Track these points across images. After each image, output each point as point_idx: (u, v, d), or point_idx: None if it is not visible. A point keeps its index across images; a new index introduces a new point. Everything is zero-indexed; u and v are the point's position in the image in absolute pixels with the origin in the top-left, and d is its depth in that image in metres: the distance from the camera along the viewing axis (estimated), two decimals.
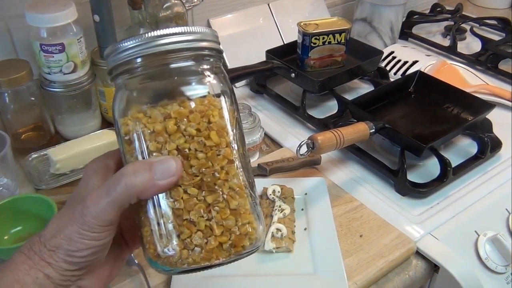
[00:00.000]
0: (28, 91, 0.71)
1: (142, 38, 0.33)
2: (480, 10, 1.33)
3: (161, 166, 0.32)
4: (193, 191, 0.33)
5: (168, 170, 0.32)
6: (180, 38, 0.34)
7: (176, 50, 0.34)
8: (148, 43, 0.33)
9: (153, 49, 0.33)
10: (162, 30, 0.33)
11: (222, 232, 0.34)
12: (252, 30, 0.98)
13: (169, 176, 0.32)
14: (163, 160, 0.33)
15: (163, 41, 0.33)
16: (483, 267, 0.62)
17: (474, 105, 0.79)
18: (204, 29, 0.35)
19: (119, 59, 0.34)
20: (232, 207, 0.34)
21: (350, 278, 0.56)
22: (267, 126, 0.82)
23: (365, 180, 0.71)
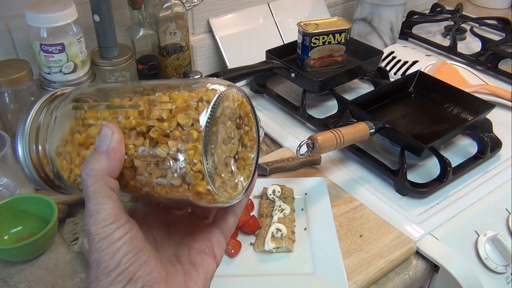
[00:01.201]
0: (28, 91, 0.71)
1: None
2: (480, 10, 1.33)
3: (98, 139, 0.32)
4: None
5: (104, 136, 0.31)
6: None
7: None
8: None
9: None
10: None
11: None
12: (252, 30, 0.98)
13: (108, 138, 0.31)
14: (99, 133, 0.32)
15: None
16: (483, 267, 0.62)
17: (474, 105, 0.79)
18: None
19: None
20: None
21: (350, 278, 0.56)
22: (267, 126, 0.82)
23: (365, 180, 0.71)
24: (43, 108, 0.37)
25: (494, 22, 1.18)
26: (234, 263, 0.58)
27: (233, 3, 0.96)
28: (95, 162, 0.31)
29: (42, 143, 0.36)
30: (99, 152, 0.31)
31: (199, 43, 0.94)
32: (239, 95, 0.34)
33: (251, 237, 0.61)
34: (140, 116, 0.32)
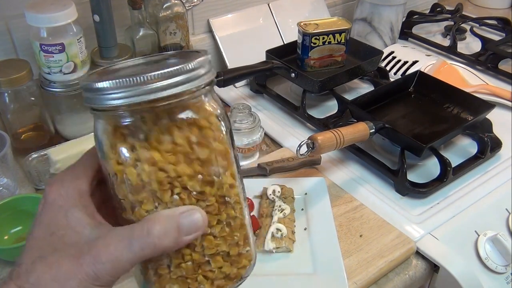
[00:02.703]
0: (28, 91, 0.71)
1: (126, 84, 0.28)
2: (480, 10, 1.33)
3: (187, 220, 0.30)
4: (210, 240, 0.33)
5: (194, 225, 0.30)
6: (173, 80, 0.29)
7: (170, 97, 0.29)
8: (135, 89, 0.28)
9: (142, 98, 0.28)
10: (151, 74, 0.28)
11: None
12: (252, 30, 0.98)
13: (196, 231, 0.30)
14: (188, 213, 0.30)
15: (153, 86, 0.28)
16: (483, 267, 0.62)
17: (474, 105, 0.79)
18: (199, 60, 0.30)
19: (99, 103, 0.29)
20: (240, 251, 0.35)
21: (350, 278, 0.56)
22: (267, 126, 0.82)
23: (365, 180, 0.71)
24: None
25: (494, 22, 1.18)
26: None
27: (233, 3, 0.96)
28: (170, 244, 0.30)
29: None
30: (180, 237, 0.30)
31: (199, 43, 0.94)
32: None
33: None
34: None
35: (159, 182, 0.30)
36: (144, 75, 0.28)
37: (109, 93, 0.29)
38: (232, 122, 0.72)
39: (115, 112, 0.30)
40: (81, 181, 0.32)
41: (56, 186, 0.32)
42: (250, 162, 0.75)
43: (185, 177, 0.31)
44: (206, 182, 0.32)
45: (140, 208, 0.31)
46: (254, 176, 0.72)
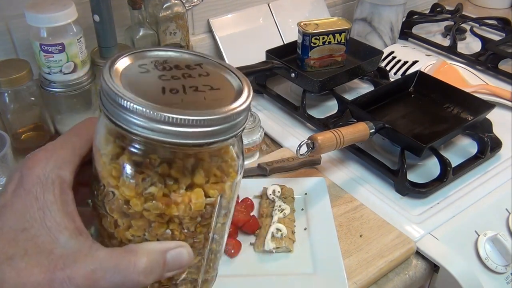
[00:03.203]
0: (28, 91, 0.71)
1: (155, 117, 0.24)
2: (480, 10, 1.33)
3: (173, 257, 0.28)
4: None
5: (179, 263, 0.29)
6: (210, 129, 0.25)
7: (201, 144, 0.26)
8: (164, 127, 0.24)
9: (170, 138, 0.25)
10: (192, 115, 0.24)
11: None
12: (252, 30, 0.98)
13: (179, 268, 0.29)
14: (176, 250, 0.29)
15: (186, 130, 0.25)
16: (483, 267, 0.62)
17: (474, 105, 0.79)
18: (241, 107, 0.27)
19: (117, 118, 0.26)
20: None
21: (350, 278, 0.56)
22: (267, 126, 0.82)
23: (365, 180, 0.71)
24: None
25: (494, 22, 1.18)
26: (234, 263, 0.58)
27: (233, 3, 0.96)
28: (152, 280, 0.28)
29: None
30: (163, 272, 0.28)
31: (199, 43, 0.94)
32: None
33: (251, 237, 0.61)
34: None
35: (161, 216, 0.28)
36: (178, 116, 0.24)
37: (132, 116, 0.25)
38: None
39: (129, 134, 0.26)
40: (65, 171, 0.28)
41: (36, 171, 0.28)
42: (250, 162, 0.75)
43: (187, 217, 0.29)
44: (203, 223, 0.30)
45: (127, 231, 0.29)
46: (254, 176, 0.72)
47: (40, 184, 0.27)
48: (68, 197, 0.28)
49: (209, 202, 0.29)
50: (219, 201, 0.30)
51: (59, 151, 0.29)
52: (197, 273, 0.33)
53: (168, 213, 0.28)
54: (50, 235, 0.27)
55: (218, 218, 0.32)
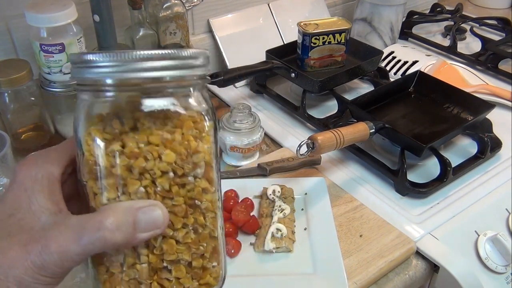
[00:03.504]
0: (28, 91, 0.71)
1: (115, 58, 0.27)
2: (480, 10, 1.33)
3: (145, 216, 0.28)
4: (171, 242, 0.30)
5: (153, 222, 0.28)
6: (166, 63, 0.28)
7: (160, 78, 0.29)
8: (124, 65, 0.28)
9: (130, 74, 0.28)
10: (143, 52, 0.28)
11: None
12: (252, 30, 0.98)
13: (154, 228, 0.28)
14: (148, 208, 0.28)
15: (144, 64, 0.28)
16: (483, 267, 0.62)
17: (474, 105, 0.79)
18: (196, 51, 0.30)
19: (84, 74, 0.29)
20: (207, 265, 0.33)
21: (350, 278, 0.56)
22: (267, 126, 0.82)
23: (365, 180, 0.71)
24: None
25: (494, 22, 1.18)
26: (234, 263, 0.58)
27: (233, 3, 0.96)
28: (123, 240, 0.27)
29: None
30: (135, 233, 0.28)
31: (199, 43, 0.94)
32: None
33: (251, 237, 0.61)
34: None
35: (129, 169, 0.29)
36: (137, 52, 0.27)
37: (96, 65, 0.28)
38: (232, 122, 0.72)
39: (99, 87, 0.29)
40: (53, 167, 0.31)
41: (27, 167, 0.30)
42: (250, 162, 0.75)
43: (157, 171, 0.29)
44: (178, 181, 0.30)
45: (101, 195, 0.29)
46: (254, 176, 0.72)
47: (30, 177, 0.30)
48: (54, 188, 0.30)
49: (181, 156, 0.29)
50: (192, 158, 0.30)
51: (50, 152, 0.32)
52: (188, 253, 0.31)
53: (136, 165, 0.29)
54: (34, 217, 0.29)
55: (197, 180, 0.31)
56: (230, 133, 0.72)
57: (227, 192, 0.65)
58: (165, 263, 0.30)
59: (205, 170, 0.31)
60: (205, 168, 0.31)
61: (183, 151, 0.30)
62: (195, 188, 0.31)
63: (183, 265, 0.31)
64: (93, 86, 0.29)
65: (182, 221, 0.30)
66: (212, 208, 0.32)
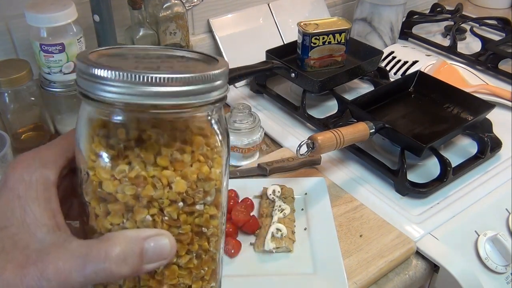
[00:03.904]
0: (28, 91, 0.71)
1: (129, 79, 0.24)
2: (480, 10, 1.33)
3: (152, 246, 0.26)
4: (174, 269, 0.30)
5: (161, 253, 0.27)
6: (186, 88, 0.25)
7: (177, 106, 0.26)
8: (139, 88, 0.24)
9: (143, 100, 0.25)
10: (163, 76, 0.24)
11: None
12: (252, 30, 0.98)
13: (161, 259, 0.27)
14: (155, 238, 0.27)
15: (162, 89, 0.25)
16: (483, 267, 0.62)
17: (474, 105, 0.79)
18: (221, 70, 0.27)
19: (92, 90, 0.26)
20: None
21: (350, 278, 0.56)
22: (267, 126, 0.82)
23: (365, 180, 0.71)
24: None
25: (494, 22, 1.18)
26: (234, 263, 0.58)
27: (233, 3, 0.96)
28: (129, 272, 0.26)
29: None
30: (141, 264, 0.26)
31: (199, 43, 0.94)
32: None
33: (251, 237, 0.61)
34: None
35: (137, 198, 0.27)
36: (154, 75, 0.24)
37: (106, 83, 0.25)
38: (232, 122, 0.72)
39: (107, 106, 0.26)
40: (49, 170, 0.28)
41: (20, 170, 0.28)
42: (250, 162, 0.75)
43: (166, 200, 0.27)
44: (186, 210, 0.28)
45: (104, 219, 0.28)
46: (254, 176, 0.72)
47: (23, 182, 0.27)
48: (50, 194, 0.28)
49: (191, 183, 0.28)
50: (203, 186, 0.29)
51: (44, 152, 0.29)
52: (189, 277, 0.30)
53: (144, 195, 0.27)
54: (29, 231, 0.26)
55: (206, 207, 0.29)
56: (230, 133, 0.72)
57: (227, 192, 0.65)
58: (165, 287, 0.29)
59: (215, 198, 0.30)
60: (216, 195, 0.30)
61: (193, 179, 0.28)
62: (204, 215, 0.29)
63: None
64: (99, 103, 0.26)
65: (186, 248, 0.29)
66: (217, 233, 0.31)
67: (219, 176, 0.30)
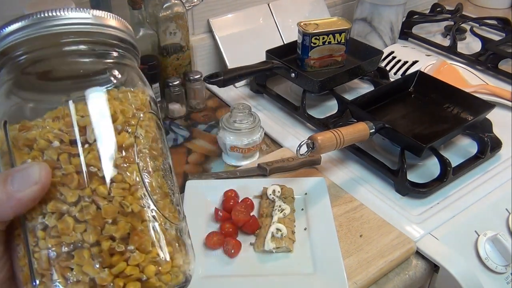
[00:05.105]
0: None
1: (28, 19, 0.27)
2: (480, 10, 1.33)
3: (20, 173, 0.25)
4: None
5: (28, 178, 0.25)
6: (75, 20, 0.28)
7: (69, 33, 0.28)
8: (35, 25, 0.27)
9: (40, 31, 0.28)
10: (50, 11, 0.28)
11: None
12: (252, 30, 0.98)
13: (30, 184, 0.25)
14: (24, 167, 0.26)
15: (51, 23, 0.28)
16: (483, 267, 0.62)
17: (474, 105, 0.79)
18: (106, 15, 0.30)
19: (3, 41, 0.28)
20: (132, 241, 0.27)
21: (350, 278, 0.56)
22: (267, 126, 0.82)
23: (365, 180, 0.71)
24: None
25: (494, 22, 1.18)
26: (234, 263, 0.58)
27: (233, 3, 0.96)
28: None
29: None
30: (8, 190, 0.25)
31: (199, 43, 0.94)
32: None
33: (251, 237, 0.61)
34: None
35: (20, 141, 0.27)
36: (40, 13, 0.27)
37: (7, 34, 0.28)
38: (232, 122, 0.72)
39: (15, 52, 0.28)
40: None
41: None
42: (250, 162, 0.75)
43: (40, 140, 0.27)
44: (65, 149, 0.27)
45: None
46: (254, 176, 0.72)
47: None
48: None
49: (65, 122, 0.28)
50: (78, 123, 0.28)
51: None
52: (91, 234, 0.26)
53: (20, 137, 0.28)
54: None
55: (92, 146, 0.28)
56: (230, 133, 0.72)
57: (227, 192, 0.65)
58: (64, 248, 0.26)
59: (103, 133, 0.28)
60: (106, 131, 0.28)
61: (67, 117, 0.27)
62: (90, 153, 0.27)
63: (87, 249, 0.26)
64: (7, 54, 0.28)
65: (76, 193, 0.26)
66: (119, 178, 0.27)
67: (105, 111, 0.28)
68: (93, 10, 0.29)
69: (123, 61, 0.31)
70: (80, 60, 0.29)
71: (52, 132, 0.27)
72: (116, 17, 0.31)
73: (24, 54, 0.28)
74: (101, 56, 0.30)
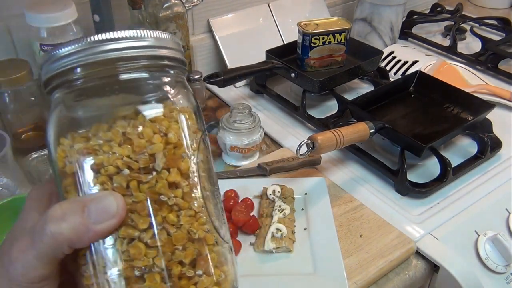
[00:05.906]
0: (28, 91, 0.71)
1: (82, 43, 0.27)
2: (480, 10, 1.33)
3: (96, 205, 0.26)
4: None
5: (106, 211, 0.26)
6: (131, 43, 0.28)
7: (126, 58, 0.28)
8: (90, 49, 0.27)
9: (95, 57, 0.27)
10: (108, 34, 0.27)
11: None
12: (252, 30, 0.98)
13: (108, 218, 0.26)
14: (99, 197, 0.26)
15: (109, 46, 0.27)
16: (483, 267, 0.62)
17: (474, 105, 0.79)
18: (162, 35, 0.29)
19: (54, 69, 0.28)
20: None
21: (350, 278, 0.56)
22: (267, 126, 0.82)
23: (365, 180, 0.71)
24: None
25: (494, 22, 1.18)
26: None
27: (233, 3, 0.96)
28: (72, 230, 0.25)
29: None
30: (86, 223, 0.25)
31: (199, 43, 0.94)
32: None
33: (251, 237, 0.61)
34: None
35: (82, 166, 0.27)
36: (97, 35, 0.27)
37: (63, 56, 0.27)
38: (232, 122, 0.72)
39: (70, 80, 0.28)
40: (55, 185, 0.29)
41: (33, 189, 0.30)
42: (250, 162, 0.75)
43: (110, 167, 0.27)
44: (135, 176, 0.27)
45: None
46: (254, 176, 0.72)
47: (33, 200, 0.29)
48: (53, 202, 0.29)
49: (134, 148, 0.27)
50: (146, 150, 0.28)
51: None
52: (162, 259, 0.27)
53: (88, 153, 0.28)
54: (22, 232, 0.27)
55: (162, 173, 0.28)
56: (230, 133, 0.72)
57: (227, 192, 0.65)
58: (136, 272, 0.27)
59: (170, 161, 0.28)
60: (172, 159, 0.28)
61: (141, 143, 0.27)
62: (159, 181, 0.28)
63: (158, 273, 0.27)
64: (62, 78, 0.28)
65: (147, 220, 0.27)
66: (186, 205, 0.28)
67: (173, 139, 0.28)
68: (148, 31, 0.29)
69: (177, 79, 0.31)
70: (138, 84, 0.30)
71: (122, 160, 0.27)
72: (170, 35, 0.30)
73: (81, 78, 0.28)
74: (157, 79, 0.30)
